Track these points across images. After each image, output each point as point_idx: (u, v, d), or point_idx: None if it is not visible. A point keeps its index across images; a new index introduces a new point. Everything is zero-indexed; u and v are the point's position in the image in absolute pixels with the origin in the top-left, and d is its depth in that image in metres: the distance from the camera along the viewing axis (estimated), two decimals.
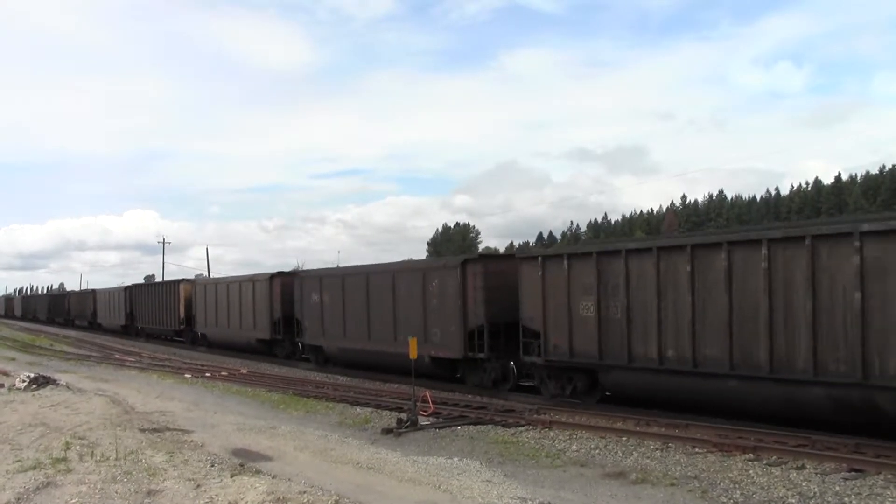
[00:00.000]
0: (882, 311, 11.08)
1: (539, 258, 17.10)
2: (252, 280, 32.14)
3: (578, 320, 16.01)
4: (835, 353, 11.63)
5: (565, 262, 16.40)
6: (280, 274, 30.51)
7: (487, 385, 19.25)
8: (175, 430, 12.92)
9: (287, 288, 28.88)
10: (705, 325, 13.56)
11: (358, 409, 16.56)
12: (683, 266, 13.98)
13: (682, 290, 13.95)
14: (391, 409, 16.12)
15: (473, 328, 19.07)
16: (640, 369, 14.69)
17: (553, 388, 17.02)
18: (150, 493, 8.41)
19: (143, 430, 12.52)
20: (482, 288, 18.88)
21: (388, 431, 13.81)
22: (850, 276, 11.40)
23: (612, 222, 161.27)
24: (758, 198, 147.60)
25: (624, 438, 12.68)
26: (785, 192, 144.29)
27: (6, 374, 22.61)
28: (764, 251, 12.57)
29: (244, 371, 25.70)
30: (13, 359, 30.11)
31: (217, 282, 37.70)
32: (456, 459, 10.93)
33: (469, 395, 18.11)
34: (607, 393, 16.38)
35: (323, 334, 26.04)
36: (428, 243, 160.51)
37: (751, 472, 10.25)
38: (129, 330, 48.87)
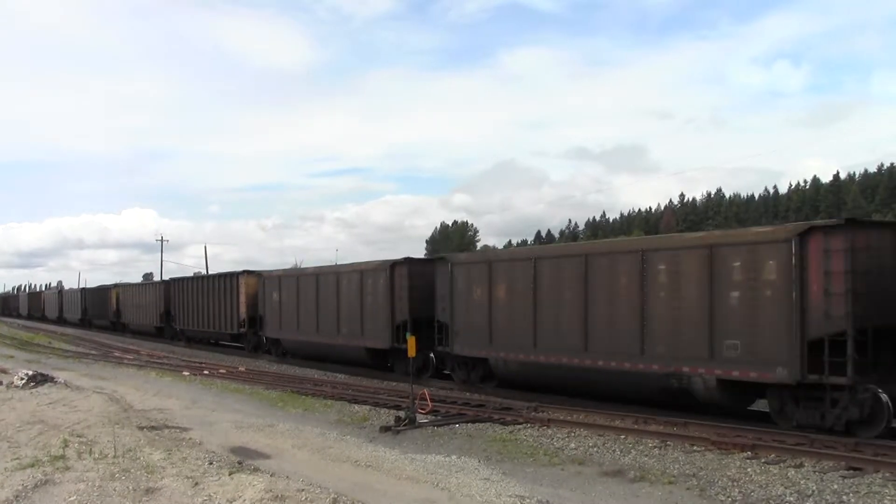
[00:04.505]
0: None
1: (261, 276, 30.17)
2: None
3: (282, 312, 28.26)
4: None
5: (281, 279, 28.59)
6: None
7: (250, 350, 31.52)
8: (173, 427, 12.93)
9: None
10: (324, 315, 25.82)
11: (356, 407, 16.54)
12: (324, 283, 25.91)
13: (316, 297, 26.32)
14: (389, 407, 16.12)
15: (244, 318, 31.37)
16: (298, 341, 27.53)
17: (274, 352, 29.46)
18: (148, 490, 8.41)
19: (141, 428, 12.52)
20: (245, 293, 31.20)
21: (386, 429, 13.80)
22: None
23: (611, 221, 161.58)
24: (756, 196, 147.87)
25: (622, 436, 12.68)
26: (783, 190, 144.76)
27: (4, 371, 22.60)
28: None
29: (242, 369, 25.72)
30: (11, 356, 30.07)
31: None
32: (454, 457, 10.92)
33: (467, 394, 18.13)
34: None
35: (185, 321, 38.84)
36: (427, 242, 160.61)
37: (749, 470, 10.26)
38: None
